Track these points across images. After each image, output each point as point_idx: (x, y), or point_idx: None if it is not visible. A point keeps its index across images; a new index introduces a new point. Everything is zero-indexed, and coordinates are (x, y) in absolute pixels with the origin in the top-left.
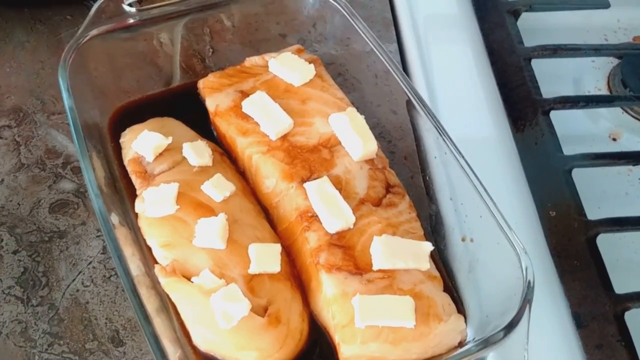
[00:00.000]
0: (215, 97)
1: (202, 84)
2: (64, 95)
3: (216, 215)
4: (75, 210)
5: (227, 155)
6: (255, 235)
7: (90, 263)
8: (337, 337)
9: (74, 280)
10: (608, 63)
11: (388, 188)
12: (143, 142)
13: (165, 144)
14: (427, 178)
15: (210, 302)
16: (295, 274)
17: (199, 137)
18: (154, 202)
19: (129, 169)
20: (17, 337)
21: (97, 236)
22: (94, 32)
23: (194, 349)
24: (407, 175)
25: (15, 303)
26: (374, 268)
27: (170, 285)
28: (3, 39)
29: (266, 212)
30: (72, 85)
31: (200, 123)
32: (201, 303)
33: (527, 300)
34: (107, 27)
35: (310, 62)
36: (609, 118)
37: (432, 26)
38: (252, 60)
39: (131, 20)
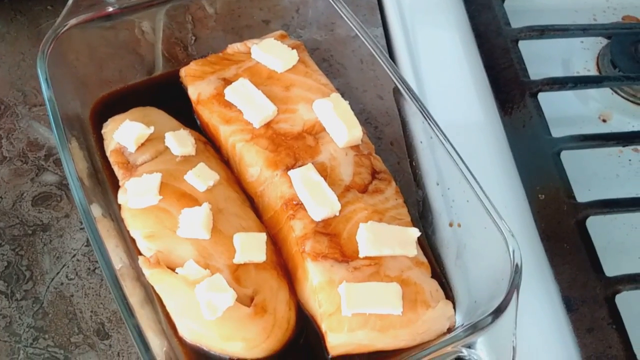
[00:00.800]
0: (198, 85)
1: (184, 72)
2: (43, 86)
3: (200, 205)
4: (59, 202)
5: (210, 144)
6: (240, 224)
7: (74, 256)
8: (324, 326)
9: (58, 273)
10: (597, 43)
11: (374, 174)
12: (125, 133)
13: (147, 133)
14: (414, 163)
15: (195, 293)
16: (281, 263)
17: (182, 126)
18: (137, 193)
19: (111, 160)
20: (1, 331)
21: (81, 229)
22: (73, 21)
23: (180, 340)
24: (394, 161)
25: None
26: (361, 255)
27: (155, 277)
28: None
29: (251, 201)
30: (52, 76)
31: (184, 112)
32: (186, 294)
33: (515, 284)
34: (86, 17)
35: (293, 48)
36: (599, 99)
37: (418, 9)
38: (234, 47)
39: (110, 9)
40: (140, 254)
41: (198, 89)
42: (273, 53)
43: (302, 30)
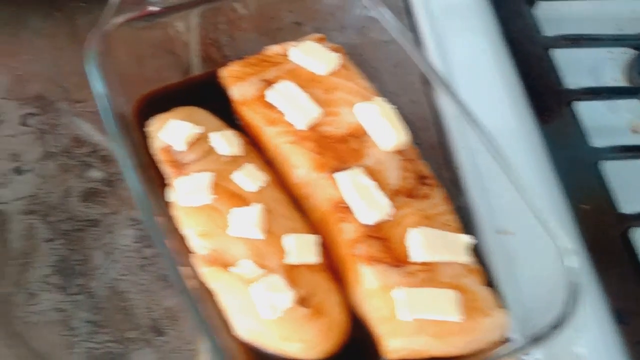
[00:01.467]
0: (240, 86)
1: (224, 72)
2: (95, 83)
3: (249, 205)
4: (106, 199)
5: (252, 145)
6: (288, 225)
7: (125, 252)
8: (380, 331)
9: (110, 269)
10: (623, 54)
11: (421, 179)
12: (172, 131)
13: (196, 132)
14: (456, 169)
15: (250, 292)
16: (330, 265)
17: (225, 126)
18: (189, 191)
19: (158, 158)
20: (58, 325)
21: (130, 225)
22: (120, 19)
23: (234, 338)
24: (432, 166)
25: (54, 291)
26: (412, 260)
27: (212, 275)
28: (19, 26)
29: (294, 203)
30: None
31: (221, 112)
32: (242, 293)
33: (575, 296)
34: (134, 15)
35: (333, 51)
36: (628, 109)
37: (448, 15)
38: (272, 49)
39: (155, 8)
40: (189, 251)
41: (241, 90)
42: (314, 56)
43: (334, 33)
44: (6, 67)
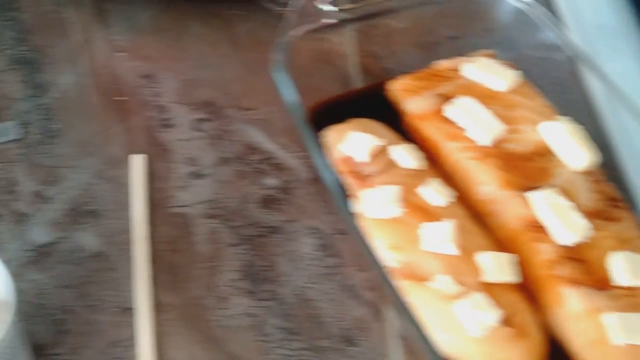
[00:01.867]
0: (415, 100)
1: (394, 85)
2: (286, 92)
3: (437, 220)
4: (283, 206)
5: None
6: (478, 242)
7: (307, 260)
8: (588, 354)
9: (295, 276)
10: None
11: (611, 202)
12: (354, 143)
13: (378, 145)
14: (630, 189)
15: (452, 309)
16: (522, 285)
17: (400, 139)
18: (377, 203)
19: (338, 168)
20: (251, 330)
21: (309, 234)
22: (300, 30)
23: None
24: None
25: (244, 296)
26: (615, 284)
27: (408, 288)
28: (182, 32)
29: (476, 219)
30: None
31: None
32: (444, 309)
33: None
34: (312, 27)
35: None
36: None
37: (603, 38)
38: (441, 64)
39: (330, 21)
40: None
41: (416, 104)
42: (491, 72)
43: (493, 49)
44: (174, 71)
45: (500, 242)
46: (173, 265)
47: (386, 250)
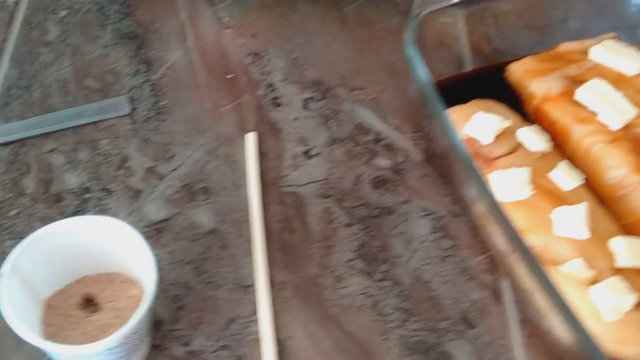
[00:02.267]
0: (542, 82)
1: (518, 67)
2: (419, 71)
3: (567, 204)
4: (396, 188)
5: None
6: (607, 226)
7: (423, 242)
8: None
9: (411, 258)
10: None
11: None
12: (479, 124)
13: (504, 126)
14: None
15: (586, 293)
16: None
17: (523, 121)
18: (506, 186)
19: None
20: (369, 310)
21: (423, 215)
22: (430, 9)
23: None
24: None
25: (360, 277)
26: None
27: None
28: (290, 10)
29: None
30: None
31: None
32: (579, 293)
33: None
34: (442, 5)
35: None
36: None
37: None
38: (566, 46)
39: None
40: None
41: (544, 86)
42: (621, 54)
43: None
44: (282, 50)
45: (628, 228)
46: (287, 244)
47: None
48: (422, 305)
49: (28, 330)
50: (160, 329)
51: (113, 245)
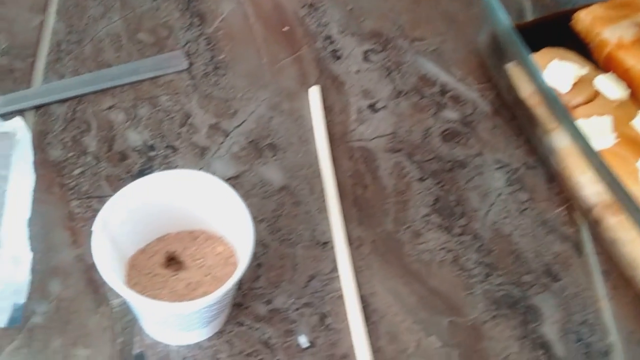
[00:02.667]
0: (614, 29)
1: (586, 15)
2: (498, 13)
3: None
4: (468, 140)
5: None
6: None
7: (499, 195)
8: None
9: (488, 211)
10: None
11: None
12: (555, 72)
13: (581, 74)
14: None
15: None
16: None
17: (598, 69)
18: (588, 135)
19: (532, 101)
20: (450, 265)
21: (497, 168)
22: None
23: None
24: None
25: (438, 231)
26: None
27: (620, 225)
28: None
29: None
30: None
31: None
32: None
33: None
34: None
35: None
36: None
37: None
38: None
39: None
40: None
41: (616, 33)
42: None
43: None
44: (336, 1)
45: None
46: (360, 200)
47: (593, 185)
48: (504, 259)
49: (125, 287)
50: (240, 288)
51: (199, 201)
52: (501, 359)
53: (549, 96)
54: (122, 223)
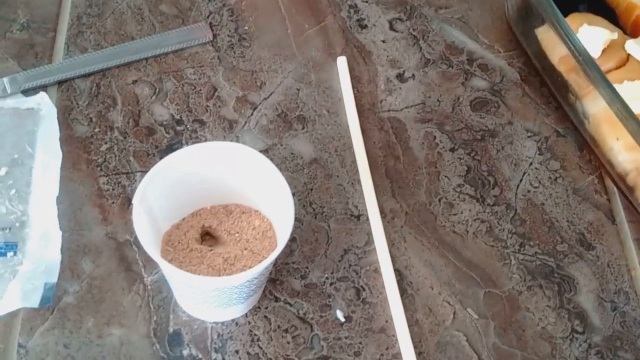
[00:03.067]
0: None
1: None
2: None
3: None
4: (497, 109)
5: None
6: None
7: (530, 164)
8: None
9: (521, 180)
10: None
11: None
12: (585, 37)
13: (612, 38)
14: None
15: None
16: None
17: (624, 34)
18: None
19: (563, 67)
20: (485, 236)
21: (528, 137)
22: None
23: None
24: None
25: (471, 202)
26: None
27: None
28: None
29: None
30: None
31: None
32: None
33: None
34: None
35: None
36: None
37: None
38: None
39: None
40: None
41: None
42: None
43: None
44: None
45: None
46: (392, 171)
47: (622, 151)
48: (538, 229)
49: (169, 263)
50: (275, 263)
51: (235, 174)
52: (538, 329)
53: (585, 58)
54: (159, 197)
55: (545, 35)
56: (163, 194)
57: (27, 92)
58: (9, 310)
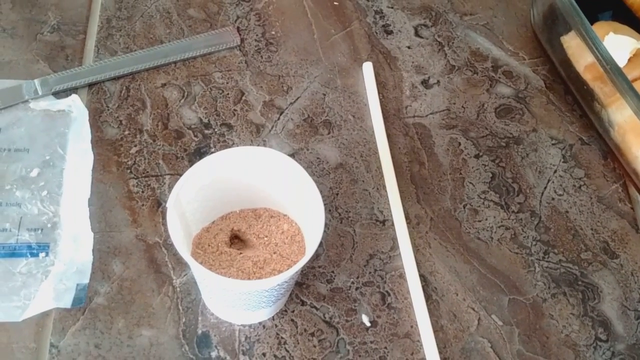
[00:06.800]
0: None
1: None
2: None
3: None
4: (522, 116)
5: None
6: None
7: (555, 171)
8: None
9: (545, 188)
10: None
11: None
12: (611, 46)
13: (637, 47)
14: None
15: None
16: None
17: None
18: None
19: (588, 75)
20: (509, 243)
21: (553, 144)
22: None
23: None
24: None
25: (496, 209)
26: None
27: None
28: None
29: None
30: None
31: None
32: None
33: None
34: None
35: None
36: None
37: None
38: None
39: None
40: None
41: None
42: None
43: None
44: None
45: None
46: (417, 177)
47: None
48: (562, 236)
49: (202, 266)
50: (303, 270)
51: (265, 179)
52: (562, 337)
53: (612, 67)
54: (191, 200)
55: (571, 43)
56: (195, 198)
57: (58, 94)
58: (42, 310)
